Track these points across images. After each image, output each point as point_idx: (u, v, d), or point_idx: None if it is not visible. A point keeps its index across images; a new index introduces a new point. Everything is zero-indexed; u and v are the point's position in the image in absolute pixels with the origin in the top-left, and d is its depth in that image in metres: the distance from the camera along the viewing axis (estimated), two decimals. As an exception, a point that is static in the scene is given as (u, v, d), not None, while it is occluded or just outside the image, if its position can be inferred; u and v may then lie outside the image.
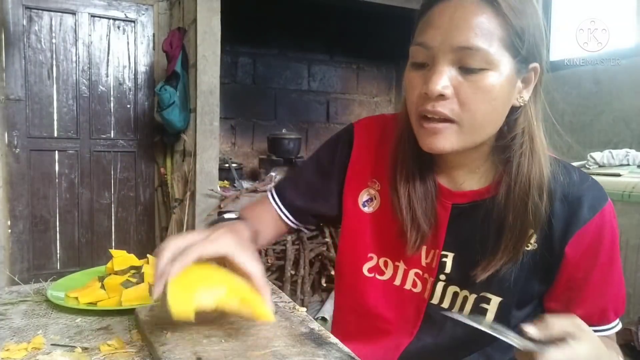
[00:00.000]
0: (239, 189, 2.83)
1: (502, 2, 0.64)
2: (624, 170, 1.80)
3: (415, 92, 0.68)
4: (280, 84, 3.76)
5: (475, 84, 0.65)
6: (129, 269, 0.90)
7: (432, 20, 0.66)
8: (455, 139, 0.68)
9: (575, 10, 2.73)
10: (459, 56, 0.64)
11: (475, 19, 0.63)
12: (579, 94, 2.61)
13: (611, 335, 0.75)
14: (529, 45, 0.66)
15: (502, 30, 0.64)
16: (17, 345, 0.65)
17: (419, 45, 0.67)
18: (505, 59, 0.65)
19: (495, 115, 0.68)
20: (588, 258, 0.72)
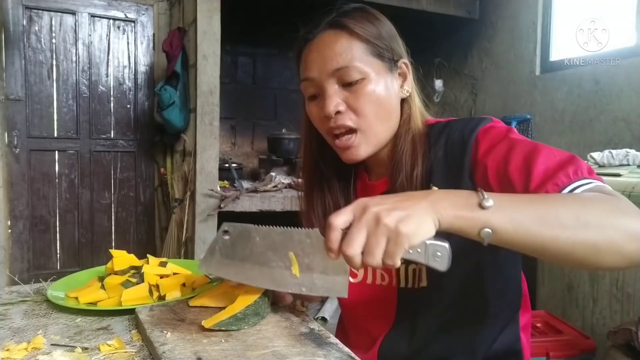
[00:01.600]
0: (239, 189, 2.83)
1: (351, 25, 0.78)
2: (624, 170, 1.80)
3: (318, 118, 0.82)
4: (280, 84, 3.76)
5: (358, 92, 0.78)
6: (129, 269, 0.90)
7: (306, 60, 0.81)
8: (365, 146, 0.81)
9: (575, 10, 2.72)
10: (337, 77, 0.78)
11: (337, 45, 0.78)
12: (579, 94, 2.60)
13: (588, 189, 0.64)
14: (388, 47, 0.80)
15: (362, 44, 0.78)
16: (17, 345, 0.65)
17: (305, 81, 0.82)
18: (375, 64, 0.79)
19: (385, 112, 0.80)
20: (489, 155, 0.73)
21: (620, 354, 1.34)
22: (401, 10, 2.96)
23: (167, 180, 3.24)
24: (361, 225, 0.55)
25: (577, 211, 0.57)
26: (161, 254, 3.07)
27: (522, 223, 0.56)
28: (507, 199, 0.59)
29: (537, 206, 0.58)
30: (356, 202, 0.58)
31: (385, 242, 0.55)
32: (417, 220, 0.55)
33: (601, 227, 0.56)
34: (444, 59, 3.61)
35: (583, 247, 0.56)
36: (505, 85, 3.14)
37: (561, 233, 0.56)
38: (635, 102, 2.33)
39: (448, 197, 0.59)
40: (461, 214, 0.57)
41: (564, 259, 0.58)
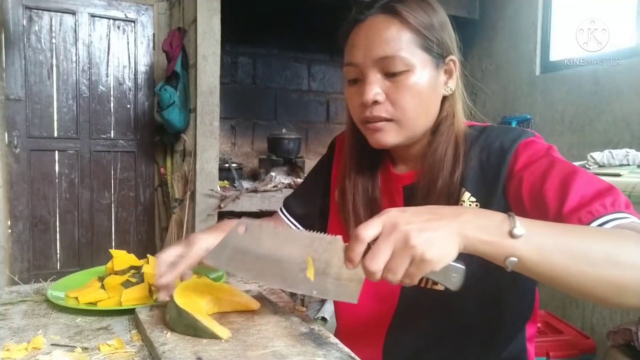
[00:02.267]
0: (239, 188, 2.83)
1: (404, 12, 0.75)
2: (624, 170, 1.80)
3: (355, 104, 0.80)
4: (280, 84, 3.76)
5: (400, 84, 0.76)
6: (129, 269, 0.90)
7: (353, 42, 0.79)
8: (395, 134, 0.78)
9: (575, 10, 2.72)
10: (381, 65, 0.76)
11: (386, 32, 0.75)
12: (579, 94, 2.60)
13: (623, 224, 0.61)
14: (439, 41, 0.78)
15: (412, 34, 0.75)
16: (17, 345, 0.65)
17: (348, 65, 0.79)
18: (422, 57, 0.76)
19: (424, 107, 0.78)
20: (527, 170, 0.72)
21: (620, 354, 1.34)
22: (401, 10, 2.96)
23: (167, 180, 3.24)
24: (389, 243, 0.54)
25: (608, 249, 0.55)
26: (161, 254, 3.07)
27: (550, 255, 0.55)
28: (539, 228, 0.57)
29: (568, 239, 0.56)
30: (386, 214, 0.56)
31: (409, 263, 0.54)
32: (444, 246, 0.54)
33: (630, 268, 0.54)
34: (444, 59, 3.61)
35: (608, 285, 0.54)
36: (505, 85, 3.14)
37: (588, 270, 0.54)
38: (635, 102, 2.33)
39: (479, 219, 0.57)
40: (489, 240, 0.55)
41: (587, 294, 0.56)
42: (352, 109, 0.82)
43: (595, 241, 0.56)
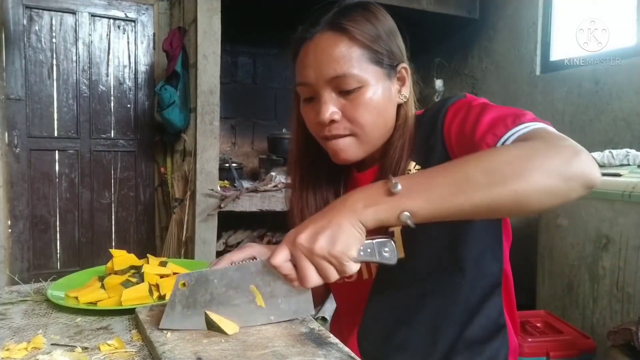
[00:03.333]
0: (239, 188, 2.83)
1: (351, 29, 0.75)
2: (624, 170, 1.80)
3: (313, 122, 0.80)
4: (280, 84, 3.76)
5: (355, 101, 0.76)
6: (129, 268, 0.90)
7: (303, 61, 0.79)
8: (356, 149, 0.80)
9: (575, 10, 2.72)
10: (334, 84, 0.76)
11: (335, 50, 0.75)
12: (579, 94, 2.60)
13: (521, 136, 0.65)
14: (389, 52, 0.78)
15: (361, 50, 0.76)
16: (17, 345, 0.65)
17: (301, 85, 0.80)
18: (374, 71, 0.77)
19: (381, 119, 0.79)
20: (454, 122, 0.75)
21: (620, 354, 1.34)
22: (401, 10, 2.96)
23: (167, 180, 3.24)
24: (301, 259, 0.60)
25: (488, 166, 0.58)
26: (161, 253, 3.08)
27: (436, 196, 0.58)
28: (417, 177, 0.63)
29: (447, 174, 0.60)
30: (285, 238, 0.62)
31: (329, 264, 0.59)
32: (343, 235, 0.59)
33: (515, 175, 0.57)
34: (444, 59, 3.61)
35: (503, 199, 0.57)
36: (505, 85, 3.14)
37: (476, 194, 0.57)
38: (635, 102, 2.33)
39: (362, 193, 0.61)
40: (377, 208, 0.59)
41: (492, 214, 0.60)
42: (310, 126, 0.82)
43: (474, 165, 0.59)
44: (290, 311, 0.68)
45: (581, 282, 1.87)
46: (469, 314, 0.81)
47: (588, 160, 0.59)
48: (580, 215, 1.86)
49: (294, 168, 0.92)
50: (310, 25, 0.79)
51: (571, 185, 0.57)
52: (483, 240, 0.80)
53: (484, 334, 0.82)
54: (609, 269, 1.75)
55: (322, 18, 0.78)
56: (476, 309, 0.81)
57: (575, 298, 1.89)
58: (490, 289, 0.82)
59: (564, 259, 1.95)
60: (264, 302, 0.67)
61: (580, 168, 0.57)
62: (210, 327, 0.66)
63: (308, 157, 0.89)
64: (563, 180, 0.57)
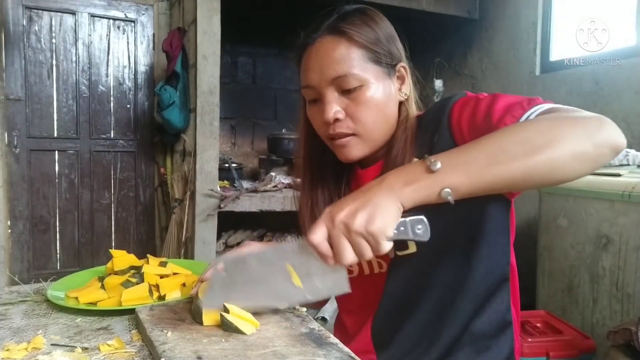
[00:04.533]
0: (239, 188, 2.83)
1: (350, 31, 0.79)
2: (624, 170, 1.80)
3: (319, 123, 0.84)
4: (280, 84, 3.76)
5: (357, 100, 0.80)
6: (129, 269, 0.90)
7: (306, 65, 0.82)
8: (360, 147, 0.83)
9: (575, 10, 2.72)
10: (336, 84, 0.79)
11: (335, 52, 0.79)
12: (579, 94, 2.60)
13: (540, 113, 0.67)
14: (386, 50, 0.82)
15: (360, 50, 0.79)
16: (17, 345, 0.65)
17: (306, 88, 0.83)
18: (373, 70, 0.80)
19: (383, 117, 0.82)
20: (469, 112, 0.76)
21: (620, 354, 1.34)
22: (401, 10, 2.96)
23: (167, 180, 3.24)
24: (338, 237, 0.61)
25: (522, 137, 0.60)
26: (161, 254, 3.08)
27: (475, 170, 0.60)
28: (454, 154, 0.63)
29: (482, 148, 0.62)
30: (323, 215, 0.63)
31: (365, 242, 0.61)
32: (382, 213, 0.60)
33: (549, 143, 0.59)
34: (444, 59, 3.61)
35: (539, 167, 0.59)
36: (505, 85, 3.14)
37: (513, 164, 0.59)
38: (635, 102, 2.33)
39: (399, 174, 0.63)
40: (417, 186, 0.61)
41: (529, 182, 0.61)
42: (316, 127, 0.86)
43: (508, 136, 0.61)
44: (325, 289, 0.69)
45: (581, 282, 1.87)
46: (476, 306, 0.81)
47: (613, 126, 0.62)
48: (580, 215, 1.86)
49: (303, 169, 0.94)
50: (312, 31, 0.83)
51: (602, 150, 0.61)
52: (492, 233, 0.81)
53: (491, 328, 0.82)
54: (608, 269, 1.75)
55: (322, 24, 0.82)
56: (484, 303, 0.82)
57: (575, 298, 1.89)
58: (498, 283, 0.83)
59: (564, 259, 1.95)
60: (300, 281, 0.68)
61: (607, 134, 0.61)
62: (227, 328, 0.67)
63: (315, 157, 0.92)
64: (593, 146, 0.60)
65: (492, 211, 0.79)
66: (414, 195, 0.61)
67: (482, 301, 0.82)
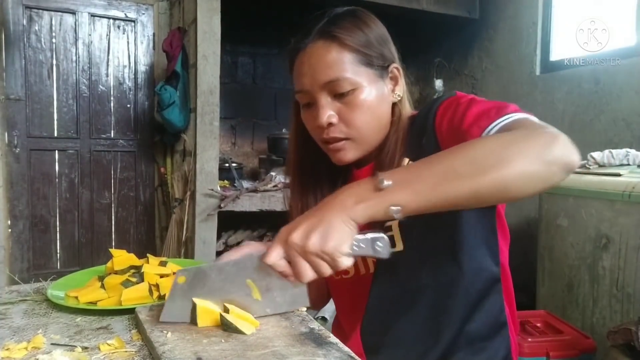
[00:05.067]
0: (239, 188, 2.83)
1: (341, 35, 0.79)
2: (624, 170, 1.80)
3: (313, 126, 0.84)
4: (280, 84, 3.76)
5: (350, 103, 0.80)
6: (129, 268, 0.90)
7: (299, 70, 0.83)
8: (354, 151, 0.83)
9: (575, 10, 2.72)
10: (329, 89, 0.80)
11: (327, 57, 0.79)
12: (579, 94, 2.60)
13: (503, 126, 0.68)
14: (378, 53, 0.81)
15: (352, 54, 0.79)
16: (17, 345, 0.65)
17: (299, 92, 0.84)
18: (366, 73, 0.80)
19: (376, 119, 0.82)
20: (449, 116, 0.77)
21: (620, 354, 1.35)
22: (401, 10, 2.96)
23: (167, 180, 3.24)
24: (295, 257, 0.62)
25: (471, 156, 0.60)
26: (161, 253, 3.08)
27: (422, 189, 0.60)
28: (404, 172, 0.65)
29: (432, 166, 0.62)
30: (278, 236, 0.64)
31: (322, 260, 0.61)
32: (335, 232, 0.61)
33: (497, 163, 0.59)
34: (444, 59, 3.61)
35: (486, 187, 0.59)
36: (505, 85, 3.14)
37: (460, 183, 0.59)
38: (635, 102, 2.33)
39: (351, 191, 0.63)
40: (366, 204, 0.61)
41: (478, 202, 0.62)
42: (311, 131, 0.86)
43: (458, 157, 0.62)
44: (286, 303, 0.71)
45: (581, 282, 1.87)
46: (469, 308, 0.81)
47: (567, 144, 0.61)
48: (580, 215, 1.86)
49: (293, 170, 0.94)
50: (303, 36, 0.82)
51: (552, 169, 0.60)
52: (477, 233, 0.81)
53: (485, 330, 0.82)
54: (608, 269, 1.75)
55: (313, 28, 0.81)
56: (476, 304, 0.81)
57: (575, 298, 1.89)
58: (489, 284, 0.82)
59: (564, 259, 1.95)
60: (260, 295, 0.69)
61: (559, 152, 0.60)
62: (227, 328, 0.67)
63: (308, 159, 0.92)
64: (544, 164, 0.59)
65: (471, 214, 0.79)
66: (364, 212, 0.62)
67: (474, 303, 0.81)
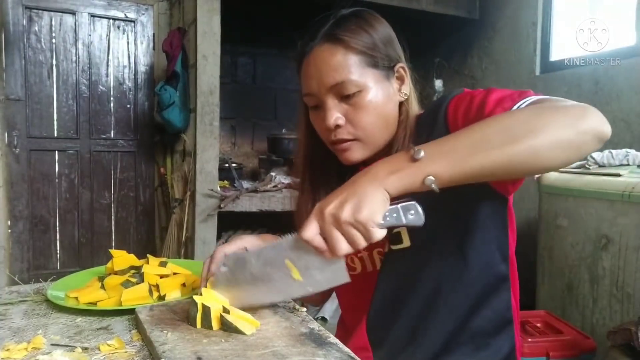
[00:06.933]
0: (239, 188, 2.83)
1: (345, 37, 0.79)
2: (624, 170, 1.80)
3: (321, 128, 0.85)
4: (280, 84, 3.76)
5: (357, 105, 0.81)
6: (129, 269, 0.90)
7: (305, 73, 0.84)
8: (362, 151, 0.84)
9: (575, 10, 2.72)
10: (335, 91, 0.80)
11: (333, 60, 0.80)
12: (579, 94, 2.60)
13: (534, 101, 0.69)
14: (384, 54, 0.82)
15: (357, 56, 0.80)
16: (17, 345, 0.65)
17: (307, 95, 0.85)
18: (372, 74, 0.81)
19: (383, 119, 0.83)
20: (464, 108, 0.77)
21: (620, 354, 1.35)
22: (401, 10, 2.96)
23: (167, 180, 3.24)
24: (330, 230, 0.63)
25: (504, 126, 0.62)
26: (161, 254, 3.08)
27: (457, 158, 0.61)
28: (437, 143, 0.65)
29: (465, 137, 0.63)
30: (313, 211, 0.65)
31: (356, 231, 0.62)
32: (368, 202, 0.61)
33: (530, 131, 0.60)
34: (444, 59, 3.61)
35: (520, 155, 0.60)
36: (505, 85, 3.14)
37: (494, 152, 0.60)
38: (635, 102, 2.33)
39: (384, 165, 0.65)
40: (401, 175, 0.62)
41: (511, 171, 0.62)
42: (319, 132, 0.87)
43: (490, 126, 0.63)
44: (325, 281, 0.70)
45: (581, 282, 1.87)
46: (473, 304, 0.81)
47: (598, 115, 0.63)
48: (580, 216, 1.86)
49: (303, 171, 0.94)
50: (309, 39, 0.83)
51: (584, 138, 0.61)
52: (488, 230, 0.81)
53: (490, 327, 0.82)
54: (608, 269, 1.75)
55: (319, 31, 0.82)
56: (482, 301, 0.81)
57: (575, 298, 1.89)
58: (497, 280, 0.83)
59: (564, 259, 1.95)
60: (299, 275, 0.69)
61: (591, 121, 0.62)
62: (227, 328, 0.67)
63: (317, 159, 0.93)
64: (576, 133, 0.61)
65: (485, 208, 0.79)
66: (398, 183, 0.62)
67: (478, 298, 0.81)
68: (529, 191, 2.57)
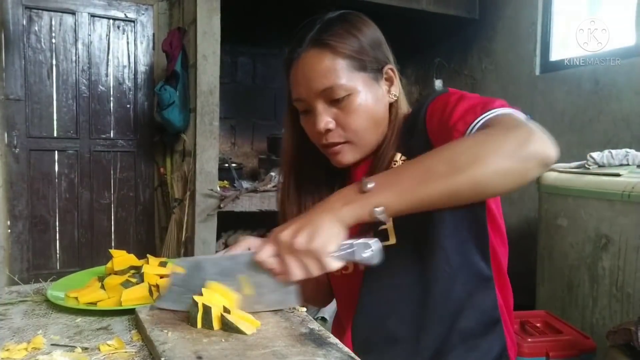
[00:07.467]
0: (239, 188, 2.83)
1: (332, 42, 0.80)
2: (624, 170, 1.80)
3: (312, 132, 0.86)
4: (280, 84, 3.75)
5: (347, 109, 0.81)
6: (128, 269, 0.90)
7: (294, 79, 0.84)
8: (353, 153, 0.85)
9: (575, 10, 2.73)
10: (324, 96, 0.81)
11: (320, 65, 0.80)
12: (579, 94, 2.60)
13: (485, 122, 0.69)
14: (372, 56, 0.83)
15: (345, 60, 0.80)
16: (17, 345, 0.65)
17: (297, 101, 0.86)
18: (360, 77, 0.82)
19: (373, 122, 0.84)
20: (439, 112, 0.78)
21: (620, 354, 1.35)
22: (401, 10, 2.96)
23: (167, 180, 3.24)
24: (284, 255, 0.65)
25: (447, 156, 0.63)
26: (161, 254, 3.08)
27: (404, 189, 0.63)
28: (386, 174, 0.67)
29: (413, 168, 0.65)
30: (271, 236, 0.67)
31: (309, 259, 0.64)
32: (323, 232, 0.63)
33: (471, 162, 0.61)
34: (444, 59, 3.61)
35: (462, 186, 0.61)
36: (505, 85, 3.14)
37: (437, 183, 0.62)
38: (635, 102, 2.33)
39: (339, 196, 0.67)
40: (353, 206, 0.64)
41: (456, 201, 0.64)
42: (310, 136, 0.88)
43: (436, 157, 0.64)
44: (275, 302, 0.73)
45: (581, 282, 1.87)
46: (459, 306, 0.81)
47: (542, 139, 0.62)
48: (580, 215, 1.86)
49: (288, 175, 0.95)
50: (296, 45, 0.83)
51: (527, 165, 0.61)
52: (463, 229, 0.81)
53: (479, 327, 0.82)
54: (608, 269, 1.75)
55: (306, 36, 0.82)
56: (467, 302, 0.81)
57: (575, 298, 1.89)
58: (478, 280, 0.82)
59: (563, 259, 1.95)
60: (250, 291, 0.71)
61: (534, 148, 0.61)
62: (228, 328, 0.67)
63: (305, 162, 0.93)
64: (517, 161, 0.61)
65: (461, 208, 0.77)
66: (350, 213, 0.64)
67: (463, 299, 0.81)
68: (529, 191, 2.57)
